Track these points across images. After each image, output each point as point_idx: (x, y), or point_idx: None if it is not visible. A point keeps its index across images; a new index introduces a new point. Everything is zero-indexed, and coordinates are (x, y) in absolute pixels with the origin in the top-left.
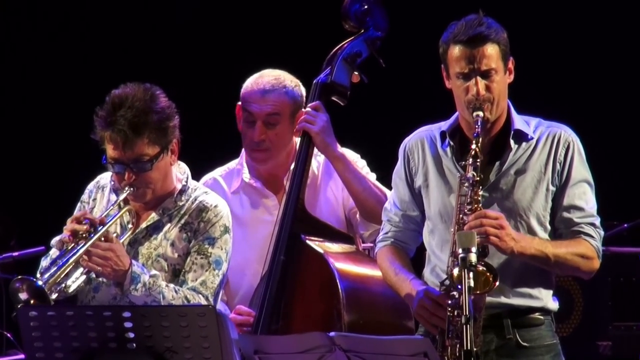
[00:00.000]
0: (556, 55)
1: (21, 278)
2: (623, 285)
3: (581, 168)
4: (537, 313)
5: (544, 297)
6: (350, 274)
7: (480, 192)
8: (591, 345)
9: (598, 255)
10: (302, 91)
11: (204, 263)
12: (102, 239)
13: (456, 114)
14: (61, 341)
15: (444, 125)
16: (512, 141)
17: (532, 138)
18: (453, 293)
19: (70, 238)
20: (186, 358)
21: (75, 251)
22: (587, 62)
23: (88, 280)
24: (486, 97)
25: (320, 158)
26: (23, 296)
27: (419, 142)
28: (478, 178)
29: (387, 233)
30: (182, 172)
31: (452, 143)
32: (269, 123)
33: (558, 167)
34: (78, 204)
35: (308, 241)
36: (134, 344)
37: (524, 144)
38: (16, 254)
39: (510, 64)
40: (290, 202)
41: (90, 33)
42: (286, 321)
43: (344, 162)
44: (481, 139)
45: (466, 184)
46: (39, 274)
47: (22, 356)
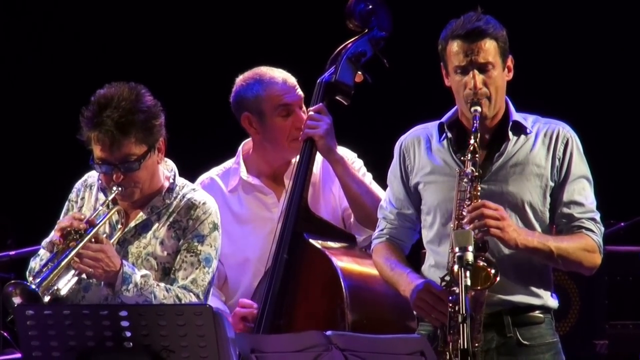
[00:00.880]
0: (554, 53)
1: (14, 282)
2: (620, 284)
3: (580, 164)
4: (538, 311)
5: (544, 295)
6: (353, 273)
7: (479, 187)
8: (588, 344)
9: (600, 250)
10: None
11: (194, 261)
12: (93, 240)
13: (455, 107)
14: (58, 340)
15: (443, 118)
16: (511, 132)
17: (531, 132)
18: (454, 288)
19: (60, 240)
20: (183, 357)
21: (66, 253)
22: (585, 61)
23: (79, 280)
24: (483, 92)
25: (319, 157)
26: (17, 300)
27: (415, 140)
28: (477, 173)
29: (383, 230)
30: (170, 170)
31: (450, 135)
32: (300, 109)
33: (557, 163)
34: (66, 203)
35: (311, 240)
36: (131, 343)
37: (523, 137)
38: (13, 253)
39: (509, 62)
40: (293, 201)
41: (77, 32)
42: (288, 320)
43: (344, 166)
44: (479, 134)
45: (465, 180)
46: (31, 276)
47: (19, 355)
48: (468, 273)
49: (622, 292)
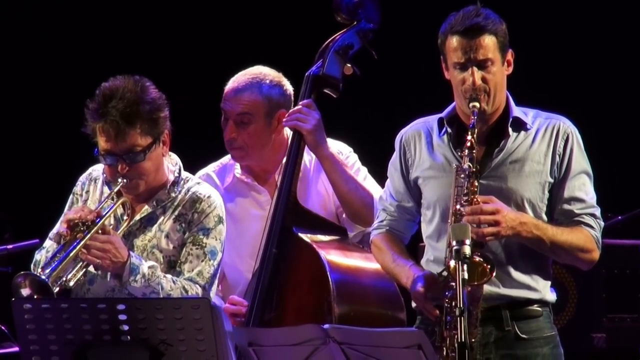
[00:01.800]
0: (554, 47)
1: (24, 273)
2: (617, 277)
3: (581, 159)
4: (536, 305)
5: (542, 289)
6: (341, 266)
7: (476, 183)
8: (585, 337)
9: (598, 246)
10: (285, 90)
11: (200, 253)
12: (100, 232)
13: (454, 103)
14: (56, 334)
15: (443, 113)
16: (511, 129)
17: (531, 128)
18: (451, 284)
19: (67, 231)
20: (180, 350)
21: (74, 245)
22: (585, 56)
23: (85, 272)
24: (482, 88)
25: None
26: (25, 291)
27: (416, 134)
28: (474, 169)
29: (383, 221)
30: (174, 164)
31: (450, 130)
32: (241, 122)
33: (557, 159)
34: (70, 196)
35: (300, 234)
36: (129, 337)
37: (523, 133)
38: (11, 247)
39: (509, 56)
40: (282, 195)
41: (79, 27)
42: (278, 314)
43: (332, 162)
44: (479, 128)
45: (462, 175)
46: (39, 269)
47: (17, 349)
48: (465, 266)
49: (620, 286)
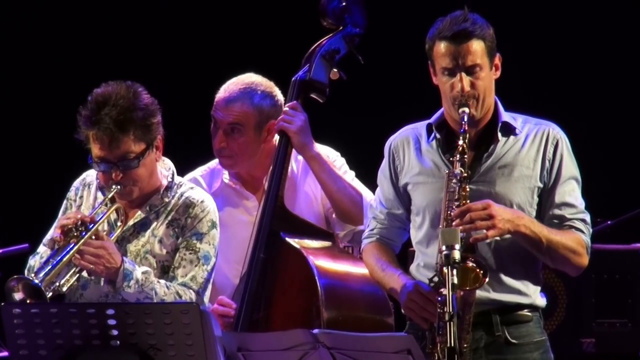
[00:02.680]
0: (543, 52)
1: (17, 277)
2: (606, 282)
3: (570, 165)
4: (526, 310)
5: (532, 294)
6: (329, 271)
7: (467, 188)
8: (574, 342)
9: (587, 251)
10: (277, 100)
11: (193, 258)
12: (93, 237)
13: (443, 109)
14: (45, 338)
15: (431, 119)
16: (500, 133)
17: (520, 133)
18: (442, 290)
19: (61, 237)
20: (170, 355)
21: (67, 250)
22: (573, 60)
23: (79, 277)
24: (471, 94)
25: (300, 157)
26: (18, 296)
27: (404, 140)
28: (466, 174)
29: (373, 230)
30: (167, 169)
31: (439, 136)
32: (232, 132)
33: (547, 165)
34: (64, 202)
35: (287, 239)
36: (118, 341)
37: (512, 138)
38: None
39: (496, 60)
40: (269, 200)
41: (70, 33)
42: (266, 318)
43: (320, 162)
44: (468, 135)
45: (454, 180)
46: (32, 274)
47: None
48: (455, 271)
49: (609, 291)
